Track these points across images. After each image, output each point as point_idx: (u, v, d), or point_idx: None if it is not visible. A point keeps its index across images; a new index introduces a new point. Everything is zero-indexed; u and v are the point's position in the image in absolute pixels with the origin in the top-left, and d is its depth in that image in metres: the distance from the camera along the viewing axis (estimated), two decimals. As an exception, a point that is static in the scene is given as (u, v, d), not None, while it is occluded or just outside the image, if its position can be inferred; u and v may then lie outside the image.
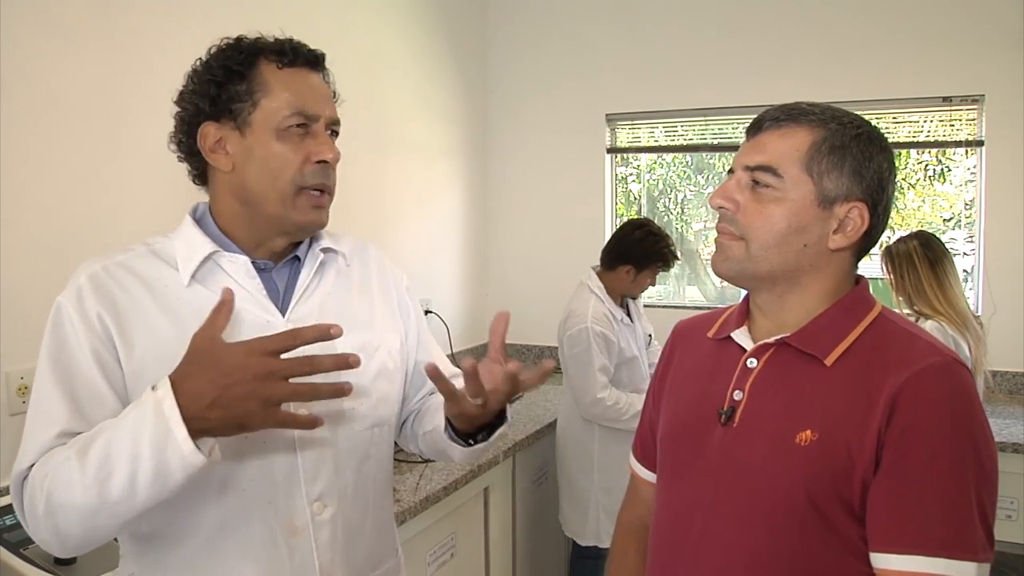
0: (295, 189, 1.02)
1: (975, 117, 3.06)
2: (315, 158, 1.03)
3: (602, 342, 2.48)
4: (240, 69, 1.02)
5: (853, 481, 0.88)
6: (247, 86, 1.02)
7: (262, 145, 1.02)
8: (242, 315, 1.02)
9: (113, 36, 1.89)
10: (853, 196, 0.94)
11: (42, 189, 1.75)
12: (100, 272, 1.01)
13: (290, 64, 1.04)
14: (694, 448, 1.02)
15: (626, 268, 2.54)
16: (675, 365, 1.15)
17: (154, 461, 0.84)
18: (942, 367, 0.89)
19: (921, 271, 2.39)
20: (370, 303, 1.17)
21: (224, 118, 1.03)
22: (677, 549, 1.02)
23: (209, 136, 1.04)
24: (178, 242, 1.06)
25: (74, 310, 0.98)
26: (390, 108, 3.03)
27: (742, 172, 0.98)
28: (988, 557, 0.86)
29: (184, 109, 1.06)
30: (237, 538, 1.01)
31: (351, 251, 1.18)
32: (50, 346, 0.98)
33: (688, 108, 3.44)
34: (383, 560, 1.18)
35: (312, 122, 1.04)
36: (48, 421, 0.94)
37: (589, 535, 2.60)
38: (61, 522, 0.89)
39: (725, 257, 0.99)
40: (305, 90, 1.04)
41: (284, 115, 1.01)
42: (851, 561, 0.90)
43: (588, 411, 2.50)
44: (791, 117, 0.96)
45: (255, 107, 1.02)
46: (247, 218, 1.06)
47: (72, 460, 0.87)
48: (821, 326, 0.96)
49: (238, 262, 1.05)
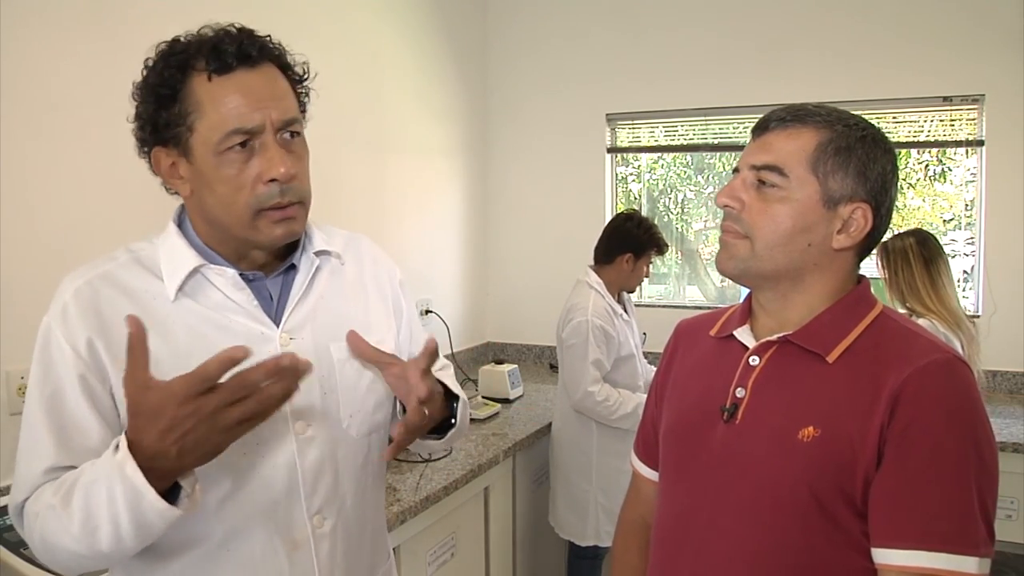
0: (252, 213, 0.95)
1: (975, 117, 3.06)
2: (265, 177, 0.94)
3: (601, 336, 2.48)
4: (169, 91, 0.94)
5: (855, 477, 0.89)
6: (179, 107, 0.94)
7: (209, 171, 0.95)
8: (235, 327, 0.99)
9: (113, 36, 1.89)
10: (857, 197, 0.95)
11: (42, 189, 1.75)
12: (84, 288, 0.97)
13: (220, 71, 0.94)
14: (697, 445, 1.02)
15: (626, 256, 2.57)
16: (677, 363, 1.15)
17: (132, 517, 0.83)
18: (944, 364, 0.90)
19: (915, 268, 2.40)
20: (365, 303, 1.13)
21: (169, 144, 0.97)
22: (680, 546, 1.02)
23: (161, 161, 0.99)
24: (163, 251, 1.02)
25: (61, 334, 0.94)
26: (390, 108, 3.03)
27: (748, 171, 0.99)
28: (989, 552, 0.87)
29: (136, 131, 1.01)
30: (237, 552, 0.99)
31: (344, 248, 1.14)
32: (38, 372, 0.95)
33: (688, 108, 3.45)
34: (378, 565, 1.17)
35: (255, 135, 0.94)
36: (35, 456, 0.94)
37: (589, 535, 2.59)
38: (59, 561, 0.91)
39: (730, 255, 1.00)
40: (238, 101, 0.93)
41: (218, 137, 0.93)
42: (853, 556, 0.90)
43: (579, 404, 2.50)
44: (797, 118, 0.97)
45: (191, 131, 0.94)
46: (220, 237, 1.01)
47: (57, 509, 0.87)
48: (823, 324, 0.97)
49: (226, 275, 1.01)
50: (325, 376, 1.04)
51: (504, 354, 3.77)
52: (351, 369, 1.07)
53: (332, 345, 1.05)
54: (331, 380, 1.05)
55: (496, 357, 3.54)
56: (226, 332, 0.99)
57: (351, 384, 1.07)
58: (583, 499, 2.59)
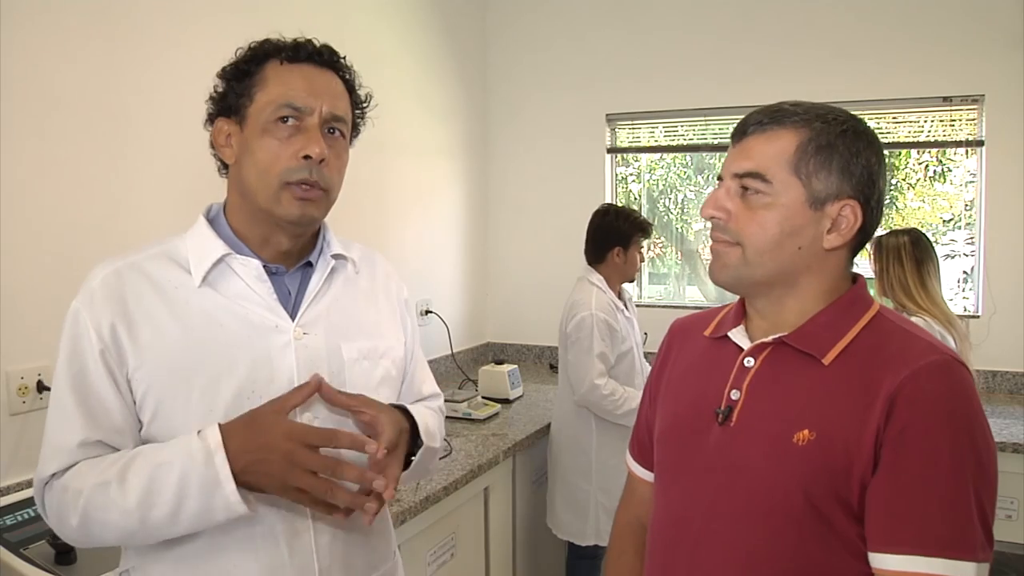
0: (280, 184, 1.03)
1: (975, 117, 3.06)
2: (300, 153, 1.02)
3: (606, 330, 2.50)
4: (247, 68, 1.05)
5: (851, 480, 0.88)
6: (249, 82, 1.05)
7: (255, 138, 1.04)
8: (251, 318, 1.05)
9: (113, 36, 1.89)
10: (844, 194, 0.94)
11: (42, 189, 1.75)
12: (111, 276, 1.03)
13: (292, 60, 1.05)
14: (691, 448, 1.02)
15: (615, 250, 2.58)
16: (671, 364, 1.14)
17: (200, 503, 0.94)
18: (941, 365, 0.88)
19: (906, 267, 2.42)
20: (376, 311, 1.18)
21: (232, 114, 1.06)
22: (675, 549, 1.02)
23: (220, 131, 1.08)
24: (191, 242, 1.07)
25: (87, 317, 1.01)
26: (390, 108, 3.03)
27: (731, 180, 0.97)
28: (987, 557, 0.86)
29: (209, 107, 1.11)
30: (239, 537, 1.02)
31: (360, 259, 1.20)
32: (65, 352, 1.02)
33: (688, 108, 3.44)
34: (381, 562, 1.18)
35: (303, 116, 1.03)
36: (66, 430, 1.00)
37: (589, 535, 2.59)
38: (96, 534, 0.98)
39: (723, 264, 0.99)
40: (299, 83, 1.04)
41: (272, 108, 1.03)
42: (850, 561, 0.89)
43: (584, 398, 2.50)
44: (775, 120, 0.95)
45: (251, 101, 1.04)
46: (248, 212, 1.07)
47: (112, 485, 0.95)
48: (819, 325, 0.96)
49: (250, 265, 1.06)
50: (335, 373, 1.08)
51: (504, 354, 3.77)
52: (360, 369, 1.12)
53: (343, 344, 1.10)
54: (340, 377, 1.09)
55: (496, 357, 3.54)
56: (243, 321, 1.04)
57: (360, 383, 1.10)
58: (583, 499, 2.59)
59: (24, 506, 1.57)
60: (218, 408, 1.00)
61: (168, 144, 2.00)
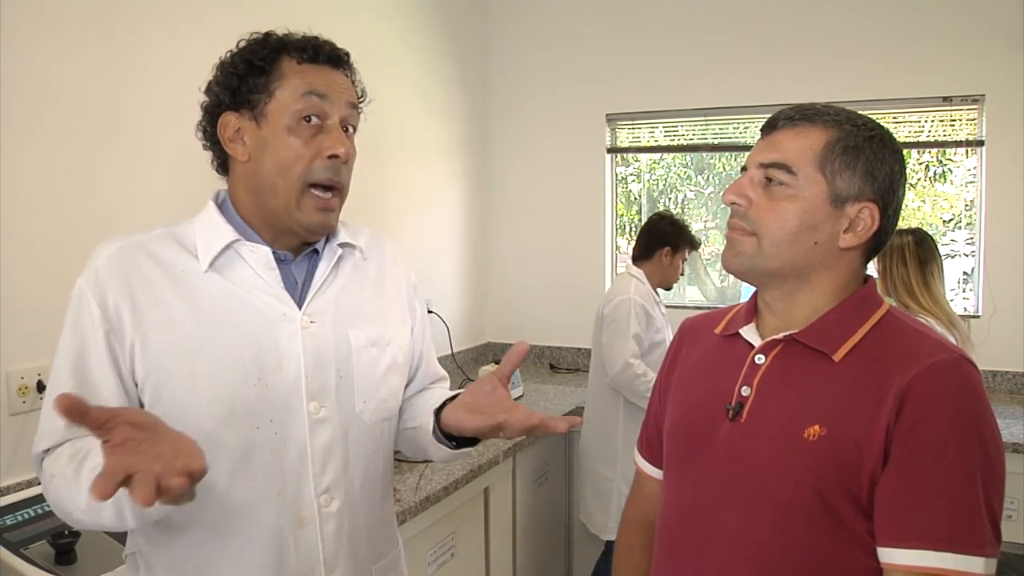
0: (303, 185, 1.02)
1: (975, 117, 3.06)
2: (326, 152, 1.02)
3: (643, 314, 2.56)
4: (261, 64, 1.03)
5: (861, 476, 0.89)
6: (266, 78, 1.03)
7: (275, 136, 1.02)
8: (259, 305, 1.04)
9: (113, 35, 1.89)
10: (864, 196, 0.95)
11: (42, 188, 1.74)
12: (116, 253, 1.02)
13: (310, 60, 1.05)
14: (701, 444, 1.02)
15: (664, 250, 2.67)
16: (681, 361, 1.15)
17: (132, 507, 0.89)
18: (951, 364, 0.89)
19: (910, 267, 2.41)
20: (383, 297, 1.18)
21: (243, 108, 1.04)
22: (684, 545, 1.02)
23: (229, 125, 1.05)
24: (199, 227, 1.06)
25: (91, 294, 1.00)
26: (390, 108, 3.03)
27: (756, 169, 0.99)
28: (995, 552, 0.86)
29: (209, 98, 1.08)
30: (245, 525, 1.02)
31: (367, 245, 1.19)
32: (67, 329, 1.01)
33: (688, 108, 3.44)
34: (385, 552, 1.19)
35: (326, 117, 1.03)
36: None
37: (611, 529, 2.61)
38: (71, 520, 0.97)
39: (736, 252, 1.00)
40: (320, 84, 1.03)
41: (297, 107, 1.02)
42: (858, 555, 0.90)
43: (617, 378, 2.53)
44: (806, 117, 0.97)
45: (271, 98, 1.03)
46: (259, 210, 1.06)
47: (68, 479, 0.93)
48: (829, 323, 0.97)
49: (259, 252, 1.05)
50: (343, 360, 1.08)
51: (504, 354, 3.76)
52: (367, 357, 1.11)
53: (351, 331, 1.10)
54: (348, 365, 1.09)
55: (496, 357, 3.54)
56: (250, 308, 1.04)
57: (367, 371, 1.10)
58: (606, 489, 2.62)
59: (24, 506, 1.56)
60: (224, 394, 1.00)
61: (168, 142, 1.99)
